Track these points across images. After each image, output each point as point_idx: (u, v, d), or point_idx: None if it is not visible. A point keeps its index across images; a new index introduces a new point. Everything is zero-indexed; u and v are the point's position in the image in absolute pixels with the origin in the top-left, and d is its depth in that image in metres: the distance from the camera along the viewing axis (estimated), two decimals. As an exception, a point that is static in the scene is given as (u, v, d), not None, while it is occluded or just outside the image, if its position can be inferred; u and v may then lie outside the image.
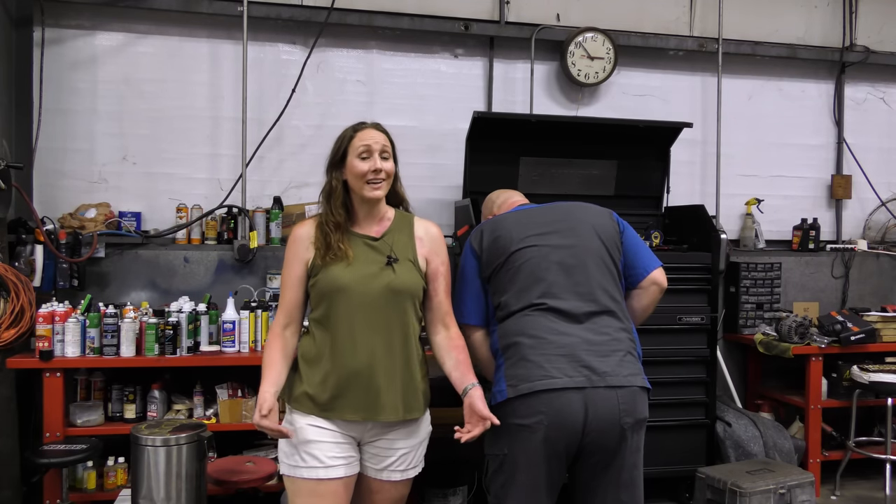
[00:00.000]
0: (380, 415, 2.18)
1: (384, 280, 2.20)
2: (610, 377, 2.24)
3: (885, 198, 5.48)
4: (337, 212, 2.24)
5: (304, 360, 2.22)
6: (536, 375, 2.23)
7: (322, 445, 2.14)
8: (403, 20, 4.58)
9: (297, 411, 2.19)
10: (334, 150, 2.29)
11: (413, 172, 4.60)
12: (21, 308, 3.55)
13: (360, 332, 2.17)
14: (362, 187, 2.23)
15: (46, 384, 3.52)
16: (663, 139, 4.57)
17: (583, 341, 2.28)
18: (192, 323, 3.73)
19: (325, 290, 2.19)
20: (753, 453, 4.11)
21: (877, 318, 4.64)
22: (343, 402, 2.16)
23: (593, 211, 2.54)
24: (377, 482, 2.26)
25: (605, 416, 2.21)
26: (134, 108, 4.34)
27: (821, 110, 5.40)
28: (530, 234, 2.43)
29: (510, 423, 2.25)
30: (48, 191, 4.21)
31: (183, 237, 4.26)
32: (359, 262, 2.20)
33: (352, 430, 2.19)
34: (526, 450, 2.23)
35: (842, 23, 5.35)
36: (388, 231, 2.29)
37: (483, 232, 2.51)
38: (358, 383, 2.16)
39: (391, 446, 2.24)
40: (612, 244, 2.45)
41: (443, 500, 3.70)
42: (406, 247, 2.28)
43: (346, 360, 2.16)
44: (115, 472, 3.71)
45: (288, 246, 2.29)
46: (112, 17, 4.29)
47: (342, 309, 2.17)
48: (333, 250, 2.18)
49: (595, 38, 4.77)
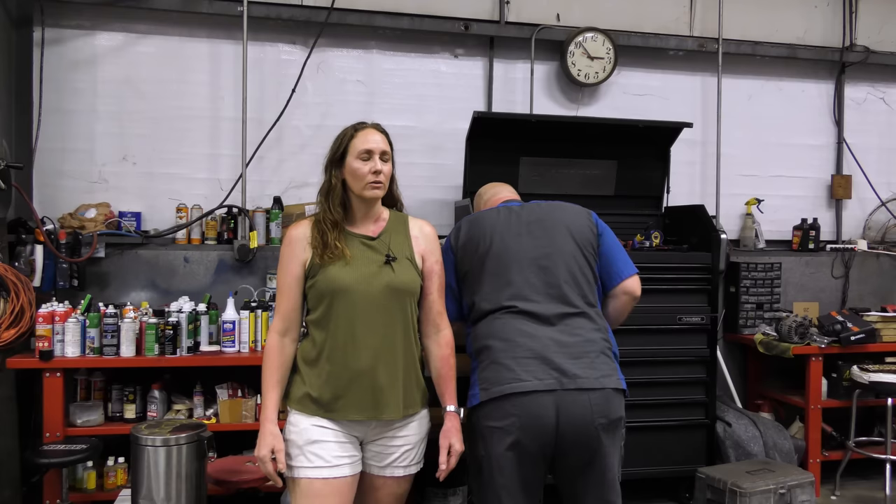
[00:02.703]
0: (383, 413, 2.18)
1: (384, 279, 2.20)
2: (581, 380, 2.24)
3: (885, 198, 5.48)
4: (335, 210, 2.23)
5: (304, 361, 2.22)
6: (507, 378, 2.25)
7: (327, 445, 2.14)
8: (403, 20, 4.58)
9: (300, 413, 2.18)
10: (334, 148, 2.28)
11: (413, 172, 4.63)
12: (21, 308, 3.55)
13: (362, 332, 2.16)
14: (362, 188, 2.23)
15: (46, 384, 3.52)
16: (663, 139, 4.57)
17: (554, 343, 2.28)
18: (192, 323, 3.73)
19: (324, 291, 2.18)
20: (753, 453, 4.11)
21: (877, 318, 4.64)
22: (346, 403, 2.16)
23: (572, 211, 2.53)
24: (380, 479, 2.26)
25: (578, 419, 2.22)
26: (134, 108, 4.34)
27: (821, 110, 5.40)
28: (504, 235, 2.44)
29: (484, 425, 2.28)
30: (48, 191, 4.21)
31: (183, 237, 4.26)
32: (357, 262, 2.20)
33: (355, 430, 2.20)
34: (500, 452, 2.25)
35: (842, 23, 5.35)
36: (384, 231, 2.29)
37: (461, 228, 2.54)
38: (361, 383, 2.16)
39: (393, 443, 2.24)
40: (587, 246, 2.45)
41: (443, 499, 3.70)
42: (403, 245, 2.29)
43: (349, 361, 2.16)
44: (115, 472, 3.71)
45: (283, 247, 2.27)
46: (112, 17, 4.29)
47: (342, 309, 2.17)
48: (331, 248, 2.18)
49: (595, 38, 4.77)
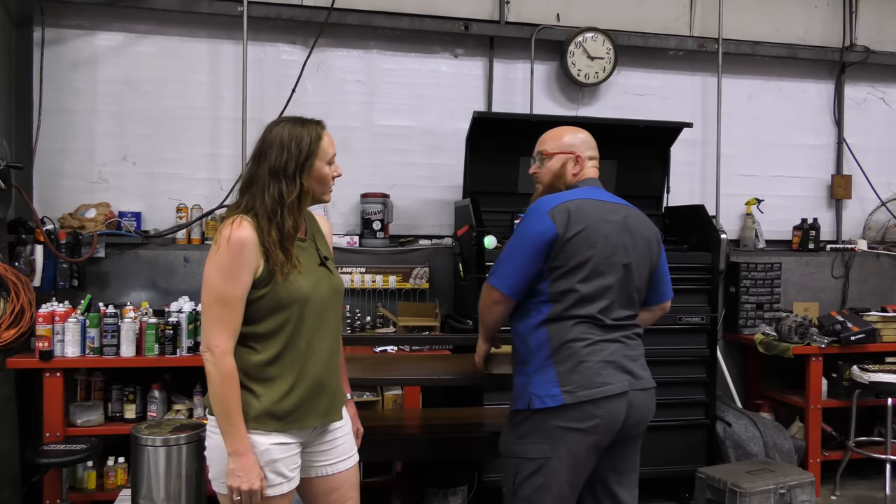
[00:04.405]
0: (336, 416, 2.18)
1: (327, 282, 2.14)
2: (643, 380, 2.39)
3: (885, 198, 5.48)
4: (301, 219, 2.10)
5: (254, 378, 2.03)
6: (596, 382, 2.28)
7: (286, 460, 2.07)
8: (403, 20, 4.58)
9: (259, 432, 2.02)
10: (300, 151, 2.08)
11: (413, 172, 4.63)
12: (21, 308, 3.55)
13: (318, 339, 2.10)
14: (324, 192, 2.16)
15: (46, 384, 3.52)
16: (663, 139, 4.57)
17: (623, 346, 2.38)
18: (192, 323, 3.73)
19: (285, 302, 2.02)
20: (753, 453, 4.11)
21: (877, 318, 4.63)
22: (304, 412, 2.07)
23: (651, 228, 2.57)
24: (336, 477, 2.21)
25: (641, 416, 2.39)
26: (134, 108, 4.34)
27: (821, 110, 5.40)
28: (608, 236, 2.38)
29: (557, 425, 2.28)
30: (48, 191, 4.21)
31: (183, 237, 4.26)
32: (304, 268, 2.08)
33: (303, 436, 2.13)
34: (577, 452, 2.29)
35: (842, 23, 5.35)
36: (307, 230, 2.20)
37: (570, 215, 2.33)
38: (320, 390, 2.11)
39: (334, 437, 2.21)
40: (653, 262, 2.53)
41: (443, 499, 3.70)
42: (324, 244, 2.23)
43: (308, 370, 2.07)
44: (115, 472, 3.71)
45: (233, 252, 1.96)
46: (112, 17, 4.29)
47: (302, 318, 2.06)
48: (293, 262, 2.03)
49: (595, 38, 4.77)
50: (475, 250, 3.88)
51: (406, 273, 4.41)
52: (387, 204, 4.45)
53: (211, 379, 1.98)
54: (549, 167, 2.52)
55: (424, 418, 3.44)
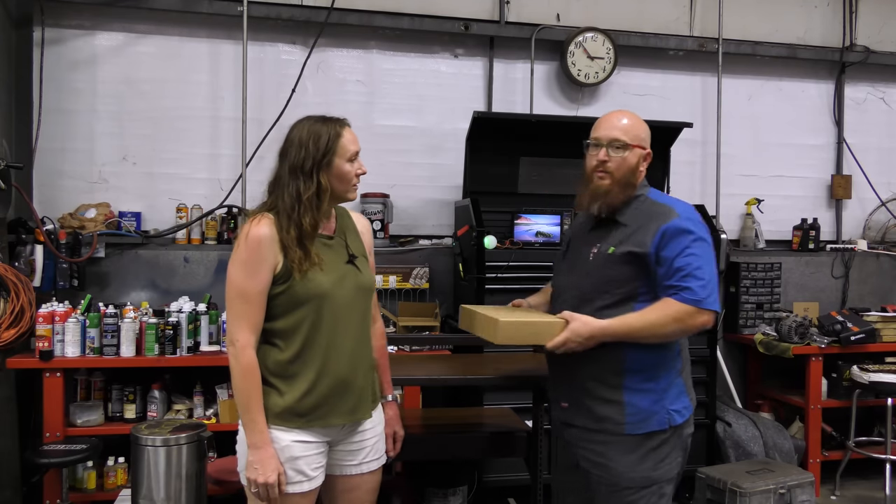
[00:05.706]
0: (363, 414, 2.16)
1: (353, 280, 2.14)
2: None
3: (885, 198, 5.48)
4: (322, 216, 2.10)
5: (276, 374, 2.06)
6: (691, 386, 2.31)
7: (307, 459, 2.08)
8: (403, 20, 4.58)
9: (281, 428, 2.05)
10: (318, 149, 2.10)
11: (413, 172, 4.63)
12: (21, 308, 3.55)
13: (341, 336, 2.10)
14: (347, 190, 2.16)
15: (46, 384, 3.52)
16: (663, 139, 4.57)
17: None
18: (192, 323, 3.73)
19: (302, 298, 2.04)
20: (753, 453, 4.11)
21: (877, 318, 4.64)
22: (328, 409, 2.08)
23: None
24: (357, 477, 2.20)
25: None
26: (134, 108, 4.34)
27: (821, 110, 5.40)
28: None
29: (689, 433, 2.27)
30: (48, 191, 4.21)
31: (183, 237, 4.26)
32: (327, 265, 2.09)
33: (329, 435, 2.13)
34: None
35: (842, 23, 5.35)
36: (337, 228, 2.21)
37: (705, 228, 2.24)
38: (344, 388, 2.10)
39: (364, 437, 2.20)
40: None
41: (443, 499, 3.70)
42: (356, 242, 2.23)
43: (332, 368, 2.07)
44: (115, 472, 3.71)
45: (251, 249, 2.01)
46: (112, 17, 4.29)
47: (321, 315, 2.06)
48: (312, 259, 2.05)
49: (595, 38, 4.77)
50: (475, 250, 3.88)
51: (406, 273, 4.41)
52: (387, 204, 4.45)
53: (233, 372, 2.03)
54: (627, 160, 2.25)
55: (424, 418, 3.43)
